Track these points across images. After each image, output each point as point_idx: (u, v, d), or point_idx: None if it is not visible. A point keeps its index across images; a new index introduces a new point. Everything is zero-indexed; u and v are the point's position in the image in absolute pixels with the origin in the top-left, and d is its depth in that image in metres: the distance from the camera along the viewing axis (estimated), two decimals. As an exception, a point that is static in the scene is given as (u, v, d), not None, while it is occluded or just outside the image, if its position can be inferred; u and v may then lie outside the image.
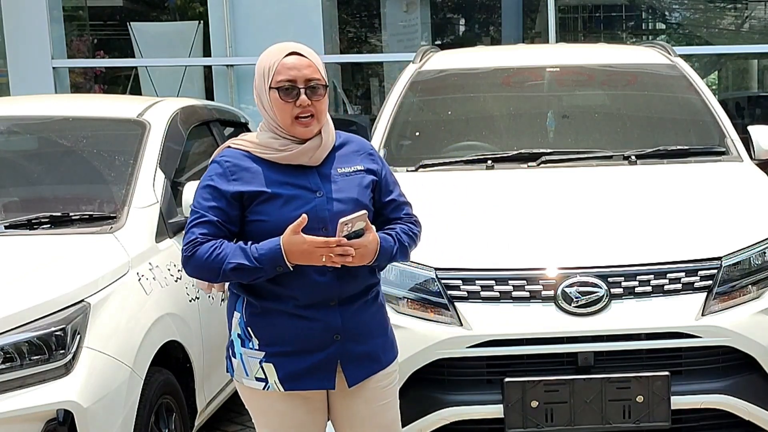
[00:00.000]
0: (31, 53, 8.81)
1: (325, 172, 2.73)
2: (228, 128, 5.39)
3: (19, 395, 3.05)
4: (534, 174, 4.44)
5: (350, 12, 11.78)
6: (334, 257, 2.59)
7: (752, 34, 12.72)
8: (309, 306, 2.68)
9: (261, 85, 2.71)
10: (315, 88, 2.68)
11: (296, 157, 2.70)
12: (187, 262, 2.65)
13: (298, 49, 2.72)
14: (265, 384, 2.72)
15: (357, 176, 2.76)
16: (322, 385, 2.75)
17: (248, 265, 2.58)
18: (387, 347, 2.86)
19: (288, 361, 2.70)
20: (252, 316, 2.72)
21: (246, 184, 2.66)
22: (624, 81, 5.32)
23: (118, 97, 8.05)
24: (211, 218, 2.63)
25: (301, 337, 2.69)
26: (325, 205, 2.67)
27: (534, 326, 3.58)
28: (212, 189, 2.66)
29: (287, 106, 2.66)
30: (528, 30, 11.13)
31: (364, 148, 2.86)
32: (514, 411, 3.55)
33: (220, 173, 2.68)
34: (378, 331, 2.83)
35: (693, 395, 3.59)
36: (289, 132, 2.70)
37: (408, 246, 2.83)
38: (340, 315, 2.71)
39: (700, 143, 4.77)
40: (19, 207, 4.05)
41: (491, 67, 5.36)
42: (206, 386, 4.12)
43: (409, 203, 2.91)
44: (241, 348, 2.75)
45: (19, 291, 3.23)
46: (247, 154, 2.71)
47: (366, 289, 2.78)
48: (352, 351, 2.74)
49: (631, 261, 3.65)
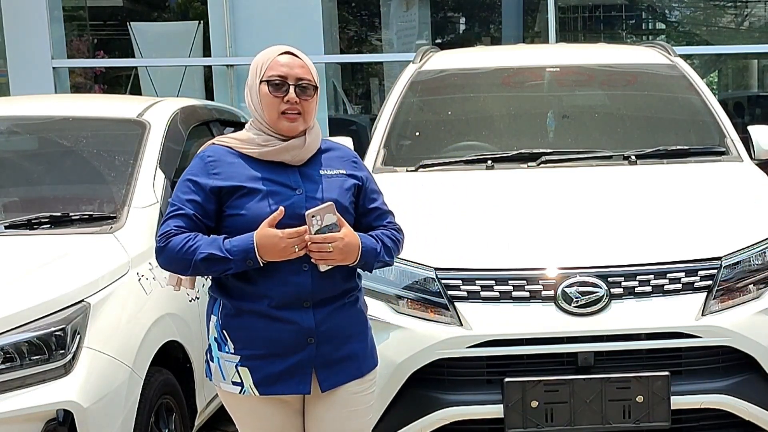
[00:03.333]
0: (31, 53, 8.80)
1: (307, 172, 2.76)
2: (228, 128, 5.39)
3: (19, 395, 3.05)
4: (534, 174, 4.44)
5: (350, 11, 11.78)
6: (313, 255, 2.60)
7: (752, 33, 12.73)
8: (282, 307, 2.68)
9: (252, 80, 2.75)
10: (305, 88, 2.73)
11: (278, 154, 2.72)
12: (160, 253, 2.68)
13: (293, 50, 2.78)
14: (241, 388, 2.72)
15: (339, 179, 2.78)
16: (297, 390, 2.74)
17: (218, 254, 2.59)
18: (367, 355, 2.85)
19: (262, 365, 2.70)
20: (226, 318, 2.73)
21: (225, 179, 2.68)
22: (624, 81, 5.32)
23: (118, 97, 8.05)
24: (187, 211, 2.66)
25: (274, 340, 2.69)
26: (304, 202, 2.68)
27: (534, 326, 3.58)
28: (191, 183, 2.70)
29: (275, 101, 2.70)
30: (528, 30, 11.13)
31: (348, 156, 2.89)
32: (514, 411, 3.55)
33: (201, 167, 2.72)
34: (356, 337, 2.81)
35: (693, 395, 3.59)
36: (274, 127, 2.72)
37: (392, 249, 2.83)
38: (314, 317, 2.70)
39: (700, 143, 4.77)
40: (19, 207, 4.05)
41: (491, 67, 5.36)
42: (206, 386, 4.12)
43: (392, 212, 2.92)
44: (218, 352, 2.75)
45: (19, 291, 3.23)
46: (230, 150, 2.74)
47: (343, 292, 2.77)
48: (327, 355, 2.73)
49: (631, 261, 3.65)
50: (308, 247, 2.60)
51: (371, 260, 2.75)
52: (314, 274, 2.68)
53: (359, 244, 2.69)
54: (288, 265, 2.64)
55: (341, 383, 2.78)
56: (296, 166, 2.75)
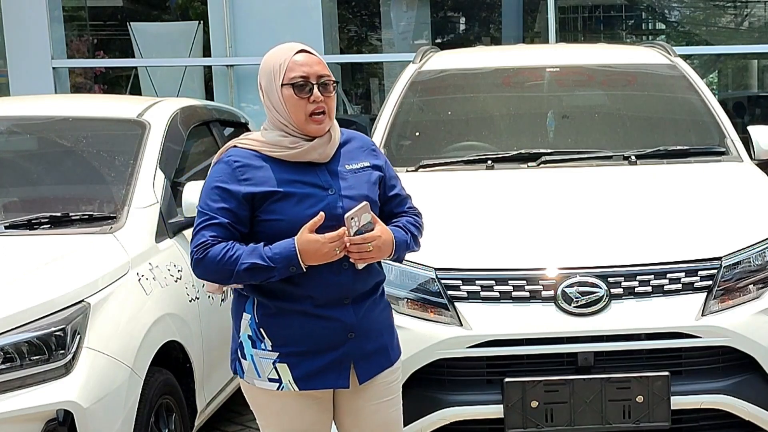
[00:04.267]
0: (31, 53, 8.80)
1: (333, 169, 2.75)
2: (228, 128, 5.39)
3: (19, 395, 3.05)
4: (534, 174, 4.44)
5: (350, 11, 11.78)
6: (353, 255, 2.61)
7: (752, 33, 12.72)
8: (324, 305, 2.69)
9: (270, 83, 2.70)
10: (326, 85, 2.71)
11: (307, 154, 2.70)
12: (198, 265, 2.64)
13: (306, 47, 2.75)
14: (279, 384, 2.72)
15: (365, 173, 2.79)
16: (336, 384, 2.76)
17: (262, 264, 2.58)
18: (394, 344, 2.89)
19: (302, 361, 2.71)
20: (265, 317, 2.71)
21: (258, 185, 2.65)
22: (624, 81, 5.32)
23: (118, 97, 8.05)
24: (221, 221, 2.62)
25: (315, 337, 2.70)
26: (337, 202, 2.68)
27: (534, 326, 3.58)
28: (221, 190, 2.64)
29: (301, 102, 2.67)
30: (528, 29, 11.13)
31: (366, 145, 2.88)
32: (514, 411, 3.55)
33: (229, 174, 2.66)
34: (387, 329, 2.86)
35: (693, 395, 3.59)
36: (302, 130, 2.70)
37: (417, 236, 2.86)
38: (354, 313, 2.73)
39: (700, 143, 4.77)
40: (19, 207, 4.05)
41: (491, 67, 5.36)
42: (206, 386, 4.12)
43: (410, 196, 2.95)
44: (252, 349, 2.74)
45: (19, 291, 3.24)
46: (255, 153, 2.70)
47: (375, 286, 2.80)
48: (364, 348, 2.76)
49: (631, 261, 3.65)
50: (348, 248, 2.61)
51: (403, 253, 2.80)
52: (353, 271, 2.70)
53: (393, 239, 2.71)
54: (329, 266, 2.65)
55: (376, 373, 2.81)
56: (323, 163, 2.74)
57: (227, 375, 4.45)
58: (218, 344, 4.24)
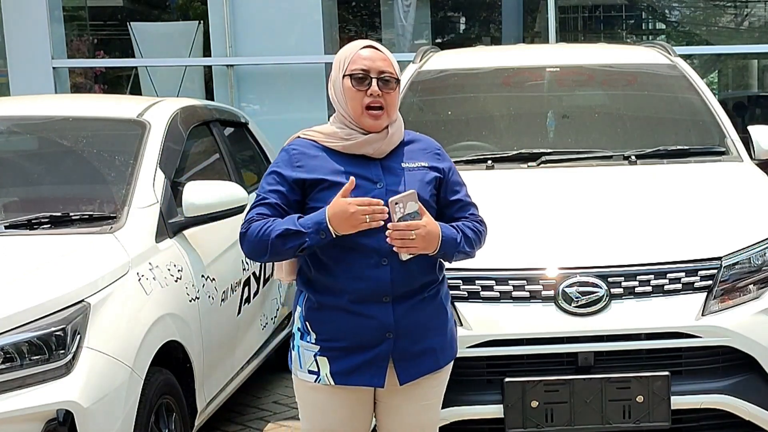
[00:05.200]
0: (31, 53, 8.79)
1: (389, 165, 2.79)
2: (228, 128, 5.38)
3: (19, 395, 3.05)
4: (534, 174, 4.44)
5: (350, 11, 11.77)
6: (396, 243, 2.62)
7: (752, 33, 12.72)
8: (361, 302, 2.71)
9: (336, 74, 2.79)
10: (387, 81, 2.76)
11: (360, 147, 2.75)
12: (242, 239, 2.73)
13: (375, 44, 2.82)
14: (317, 377, 2.77)
15: (420, 171, 2.80)
16: (371, 383, 2.78)
17: (292, 229, 2.63)
18: (445, 347, 2.87)
19: (341, 357, 2.74)
20: (310, 311, 2.78)
21: (309, 172, 2.73)
22: (624, 81, 5.32)
23: (118, 97, 8.05)
24: (270, 200, 2.72)
25: (353, 334, 2.73)
26: (384, 196, 2.68)
27: (534, 326, 3.58)
28: (276, 174, 2.75)
29: (359, 95, 2.73)
30: (528, 29, 11.12)
31: (431, 147, 2.92)
32: (514, 411, 3.55)
33: (286, 160, 2.77)
34: (435, 330, 2.84)
35: (693, 395, 3.60)
36: (358, 123, 2.76)
37: (473, 241, 2.84)
38: (393, 312, 2.73)
39: (700, 143, 4.77)
40: (19, 207, 4.05)
41: (491, 67, 5.36)
42: (206, 386, 4.12)
43: (475, 204, 2.94)
44: (300, 341, 2.81)
45: (19, 291, 3.23)
46: (314, 143, 2.78)
47: (422, 286, 2.79)
48: (405, 349, 2.76)
49: (631, 261, 3.66)
50: (391, 234, 2.62)
51: (451, 250, 2.76)
52: (393, 268, 2.71)
53: (440, 233, 2.70)
54: (367, 259, 2.68)
55: (419, 376, 2.81)
56: (378, 159, 2.78)
57: (227, 375, 4.45)
58: (218, 344, 4.25)
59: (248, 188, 4.78)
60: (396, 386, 2.79)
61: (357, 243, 2.68)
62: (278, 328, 5.27)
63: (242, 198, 4.23)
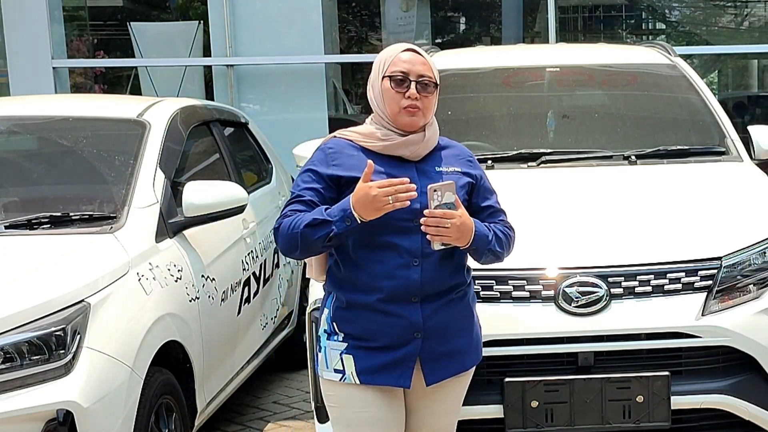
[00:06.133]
0: (31, 53, 8.78)
1: (424, 168, 2.80)
2: (228, 128, 5.39)
3: (19, 395, 3.06)
4: (534, 174, 4.44)
5: (350, 11, 11.78)
6: (430, 230, 2.63)
7: (752, 33, 12.72)
8: (390, 300, 2.72)
9: (375, 76, 2.81)
10: (426, 85, 2.78)
11: (396, 148, 2.77)
12: (276, 235, 2.76)
13: (415, 48, 2.84)
14: (342, 375, 2.77)
15: (453, 176, 2.81)
16: (397, 383, 2.77)
17: (319, 218, 2.64)
18: (471, 349, 2.89)
19: (367, 355, 2.75)
20: (338, 310, 2.78)
21: (344, 170, 2.75)
22: (624, 81, 5.32)
23: (118, 97, 8.05)
24: (305, 198, 2.73)
25: (380, 333, 2.73)
26: (418, 198, 2.69)
27: (534, 326, 3.58)
28: (312, 172, 2.78)
29: (397, 96, 2.75)
30: (528, 29, 11.12)
31: (464, 154, 2.93)
32: (514, 411, 3.55)
33: (322, 158, 2.80)
34: (462, 332, 2.85)
35: (693, 395, 3.60)
36: (394, 122, 2.77)
37: (503, 242, 2.85)
38: (422, 312, 2.74)
39: (700, 143, 4.77)
40: (19, 207, 4.06)
41: (491, 67, 5.36)
42: (206, 386, 4.12)
43: (505, 212, 2.95)
44: (327, 341, 2.81)
45: (19, 291, 3.24)
46: (351, 143, 2.81)
47: (450, 288, 2.80)
48: (433, 350, 2.77)
49: (631, 261, 3.65)
50: (426, 222, 2.63)
51: (482, 246, 2.77)
52: (424, 268, 2.72)
53: (473, 227, 2.72)
54: (398, 258, 2.70)
55: (446, 377, 2.82)
56: (414, 161, 2.80)
57: (227, 375, 4.45)
58: (218, 344, 4.25)
59: (248, 188, 4.78)
60: (421, 388, 2.80)
61: (390, 242, 2.71)
62: (278, 328, 5.27)
63: (242, 198, 4.23)
